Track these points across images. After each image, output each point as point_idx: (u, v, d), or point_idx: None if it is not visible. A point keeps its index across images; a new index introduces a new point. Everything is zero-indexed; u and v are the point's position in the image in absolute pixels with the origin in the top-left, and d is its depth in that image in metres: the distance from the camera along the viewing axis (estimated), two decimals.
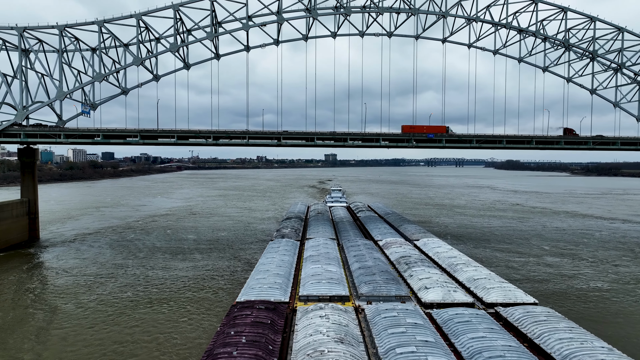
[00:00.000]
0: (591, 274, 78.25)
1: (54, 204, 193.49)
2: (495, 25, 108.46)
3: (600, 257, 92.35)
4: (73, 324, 54.87)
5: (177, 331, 53.37)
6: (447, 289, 45.34)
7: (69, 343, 49.45)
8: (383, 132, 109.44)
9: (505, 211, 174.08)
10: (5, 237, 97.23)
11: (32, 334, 51.78)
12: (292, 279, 51.51)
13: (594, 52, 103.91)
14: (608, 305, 62.39)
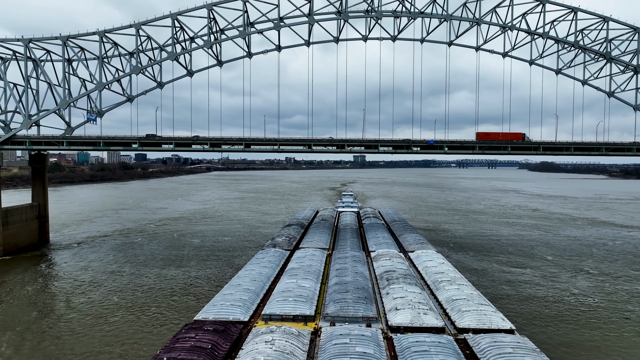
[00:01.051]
0: (586, 290, 72.59)
1: (77, 206, 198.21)
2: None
3: (603, 271, 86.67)
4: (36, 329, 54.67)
5: (141, 342, 52.37)
6: (418, 311, 42.48)
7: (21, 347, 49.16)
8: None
9: (520, 217, 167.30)
10: (14, 239, 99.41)
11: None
12: (264, 294, 49.68)
13: (606, 53, 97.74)
14: (593, 333, 56.48)
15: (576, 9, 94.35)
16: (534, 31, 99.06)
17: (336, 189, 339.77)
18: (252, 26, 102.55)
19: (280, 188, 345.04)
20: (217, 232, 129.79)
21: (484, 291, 68.24)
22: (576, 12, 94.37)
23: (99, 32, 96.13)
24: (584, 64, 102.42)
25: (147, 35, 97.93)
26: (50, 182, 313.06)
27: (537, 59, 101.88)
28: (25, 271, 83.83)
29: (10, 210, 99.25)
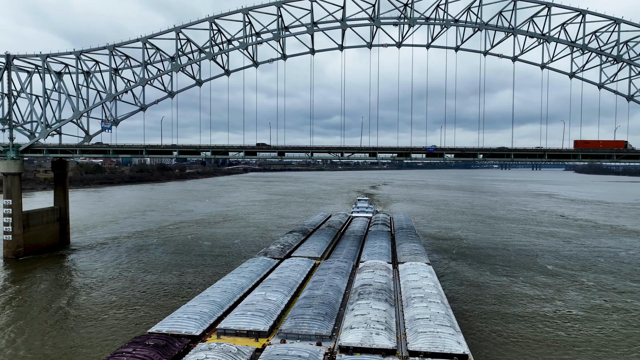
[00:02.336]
0: (570, 309, 67.38)
1: (110, 207, 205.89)
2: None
3: (602, 283, 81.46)
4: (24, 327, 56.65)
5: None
6: (372, 330, 41.30)
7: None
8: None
9: (540, 224, 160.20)
10: (35, 241, 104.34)
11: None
12: (230, 307, 49.70)
13: (618, 56, 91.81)
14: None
15: (584, 11, 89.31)
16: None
17: (363, 191, 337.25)
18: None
19: (309, 190, 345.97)
20: (229, 235, 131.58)
21: (460, 308, 65.72)
22: (584, 15, 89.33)
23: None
24: (600, 66, 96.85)
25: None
26: (92, 183, 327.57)
27: (549, 62, 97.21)
28: (40, 270, 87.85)
29: (31, 213, 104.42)
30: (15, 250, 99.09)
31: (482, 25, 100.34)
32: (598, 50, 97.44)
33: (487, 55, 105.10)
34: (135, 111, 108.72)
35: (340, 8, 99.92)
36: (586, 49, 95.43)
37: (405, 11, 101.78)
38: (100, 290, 76.07)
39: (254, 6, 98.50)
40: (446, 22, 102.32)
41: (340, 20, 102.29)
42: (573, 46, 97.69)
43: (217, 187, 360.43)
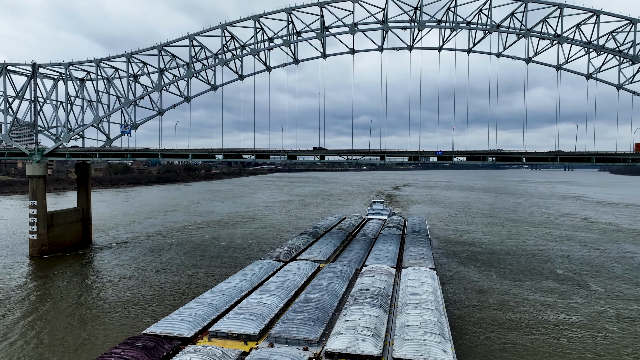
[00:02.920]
0: (572, 315, 65.65)
1: (135, 207, 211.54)
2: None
3: (610, 289, 79.01)
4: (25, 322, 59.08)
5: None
6: (358, 337, 41.55)
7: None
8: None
9: (560, 227, 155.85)
10: (59, 239, 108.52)
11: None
12: (226, 309, 50.73)
13: (635, 56, 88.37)
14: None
15: (598, 11, 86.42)
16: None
17: (384, 192, 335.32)
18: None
19: (331, 191, 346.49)
20: (245, 236, 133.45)
21: (459, 313, 64.67)
22: (598, 15, 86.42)
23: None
24: (619, 67, 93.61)
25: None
26: (121, 183, 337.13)
27: (564, 64, 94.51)
28: (62, 268, 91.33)
29: (55, 214, 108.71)
30: (40, 249, 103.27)
31: (492, 27, 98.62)
32: (616, 50, 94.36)
33: (501, 57, 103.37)
34: (153, 115, 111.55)
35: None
36: (601, 50, 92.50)
37: (416, 15, 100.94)
38: (115, 287, 78.76)
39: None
40: (455, 25, 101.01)
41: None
42: (588, 47, 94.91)
43: (240, 188, 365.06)
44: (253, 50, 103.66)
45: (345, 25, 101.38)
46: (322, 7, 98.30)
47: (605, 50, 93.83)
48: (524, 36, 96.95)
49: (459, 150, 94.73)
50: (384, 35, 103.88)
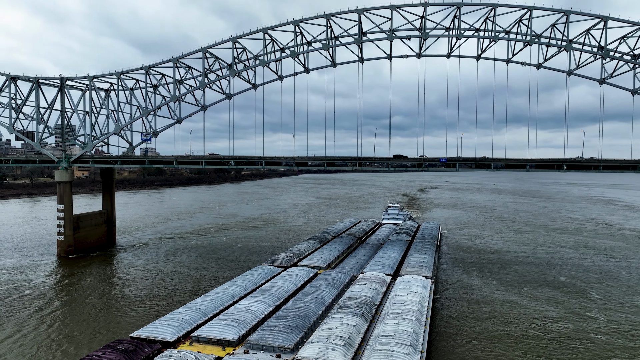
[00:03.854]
0: (562, 323, 64.09)
1: (165, 209, 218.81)
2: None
3: (607, 297, 76.67)
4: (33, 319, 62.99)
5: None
6: (329, 346, 42.75)
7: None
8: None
9: (579, 233, 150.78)
10: (84, 240, 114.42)
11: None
12: (213, 315, 52.81)
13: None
14: None
15: (606, 17, 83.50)
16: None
17: (409, 195, 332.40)
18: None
19: (356, 193, 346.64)
20: (262, 238, 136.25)
21: (446, 324, 63.73)
22: (606, 21, 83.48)
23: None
24: (634, 72, 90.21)
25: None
26: (153, 185, 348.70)
27: (575, 69, 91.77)
28: (86, 266, 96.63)
29: (81, 216, 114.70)
30: (67, 249, 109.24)
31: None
32: (630, 54, 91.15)
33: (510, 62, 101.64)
34: (172, 124, 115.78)
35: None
36: (607, 56, 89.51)
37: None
38: (132, 285, 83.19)
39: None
40: (459, 35, 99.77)
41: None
42: (595, 54, 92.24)
43: (267, 190, 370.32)
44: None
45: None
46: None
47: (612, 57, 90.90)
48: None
49: (464, 157, 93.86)
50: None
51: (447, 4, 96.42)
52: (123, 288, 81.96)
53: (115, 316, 66.62)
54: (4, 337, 58.63)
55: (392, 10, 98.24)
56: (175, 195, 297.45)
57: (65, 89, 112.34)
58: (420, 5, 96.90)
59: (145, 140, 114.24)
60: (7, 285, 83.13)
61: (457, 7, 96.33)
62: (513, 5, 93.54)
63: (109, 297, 76.23)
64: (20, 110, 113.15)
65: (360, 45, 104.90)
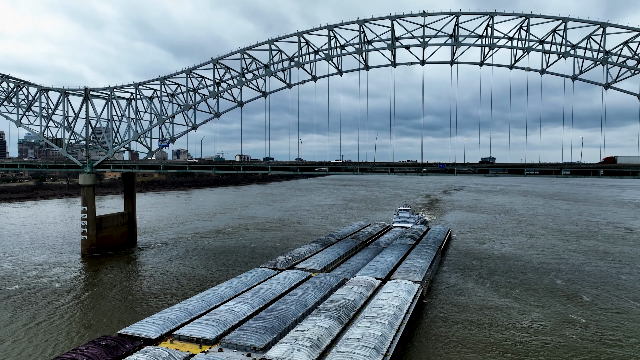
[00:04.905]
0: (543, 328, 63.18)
1: (190, 209, 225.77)
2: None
3: (600, 299, 75.01)
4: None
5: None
6: (295, 347, 44.97)
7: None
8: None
9: (592, 237, 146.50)
10: (107, 240, 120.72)
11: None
12: (200, 314, 55.81)
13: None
14: None
15: (604, 24, 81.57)
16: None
17: (431, 196, 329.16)
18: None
19: (379, 195, 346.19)
20: (275, 239, 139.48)
21: (426, 328, 63.92)
22: (604, 27, 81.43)
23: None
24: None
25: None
26: (182, 186, 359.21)
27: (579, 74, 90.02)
28: (107, 264, 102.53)
29: (103, 218, 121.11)
30: (90, 248, 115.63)
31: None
32: (636, 58, 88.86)
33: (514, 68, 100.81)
34: (187, 130, 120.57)
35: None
36: (606, 62, 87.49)
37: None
38: (147, 282, 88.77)
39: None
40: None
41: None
42: (595, 61, 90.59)
43: (292, 191, 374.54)
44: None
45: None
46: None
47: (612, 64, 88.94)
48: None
49: (462, 162, 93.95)
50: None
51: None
52: (138, 284, 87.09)
53: (126, 309, 70.98)
54: (25, 322, 63.92)
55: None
56: (202, 197, 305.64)
57: (89, 98, 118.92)
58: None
59: (162, 147, 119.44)
60: (38, 278, 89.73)
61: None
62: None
63: (124, 292, 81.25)
64: (49, 118, 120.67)
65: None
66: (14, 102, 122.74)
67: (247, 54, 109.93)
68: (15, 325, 63.99)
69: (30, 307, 72.40)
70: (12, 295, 79.23)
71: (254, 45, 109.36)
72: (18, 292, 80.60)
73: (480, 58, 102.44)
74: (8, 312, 69.55)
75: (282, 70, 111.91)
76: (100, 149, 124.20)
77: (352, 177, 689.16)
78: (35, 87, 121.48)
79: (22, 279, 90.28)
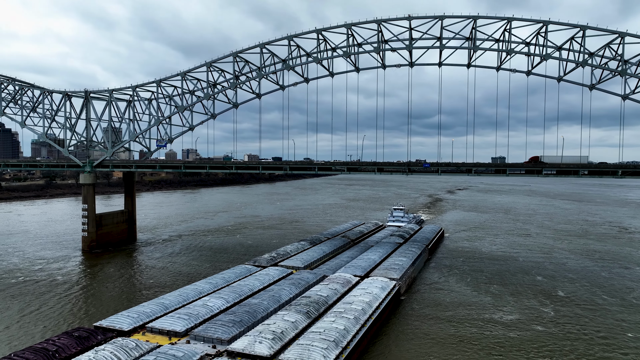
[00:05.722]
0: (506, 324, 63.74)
1: (194, 208, 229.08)
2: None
3: (574, 295, 74.62)
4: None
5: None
6: (257, 339, 46.64)
7: None
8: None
9: (586, 235, 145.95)
10: (106, 237, 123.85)
11: None
12: (176, 309, 57.73)
13: None
14: None
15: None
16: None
17: (434, 196, 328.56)
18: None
19: (383, 195, 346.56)
20: (272, 237, 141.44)
21: (396, 324, 64.67)
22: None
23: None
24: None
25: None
26: (189, 185, 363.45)
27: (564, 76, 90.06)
28: (106, 259, 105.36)
29: (103, 215, 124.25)
30: (89, 244, 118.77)
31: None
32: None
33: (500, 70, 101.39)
34: (185, 131, 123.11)
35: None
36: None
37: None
38: (143, 275, 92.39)
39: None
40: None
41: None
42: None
43: (296, 190, 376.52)
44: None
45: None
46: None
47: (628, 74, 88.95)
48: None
49: (446, 162, 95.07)
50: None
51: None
52: (130, 278, 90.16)
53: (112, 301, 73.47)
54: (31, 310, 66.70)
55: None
56: (208, 196, 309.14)
57: (89, 100, 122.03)
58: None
59: (160, 147, 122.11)
60: (41, 271, 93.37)
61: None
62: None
63: (115, 286, 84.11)
64: (52, 119, 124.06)
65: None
66: (19, 104, 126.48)
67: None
68: (8, 314, 66.84)
69: (23, 297, 75.37)
70: (13, 286, 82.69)
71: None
72: (18, 284, 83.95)
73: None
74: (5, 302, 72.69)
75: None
76: (102, 149, 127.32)
77: (360, 176, 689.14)
78: (38, 90, 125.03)
79: (27, 272, 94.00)
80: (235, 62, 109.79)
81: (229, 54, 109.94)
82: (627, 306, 75.30)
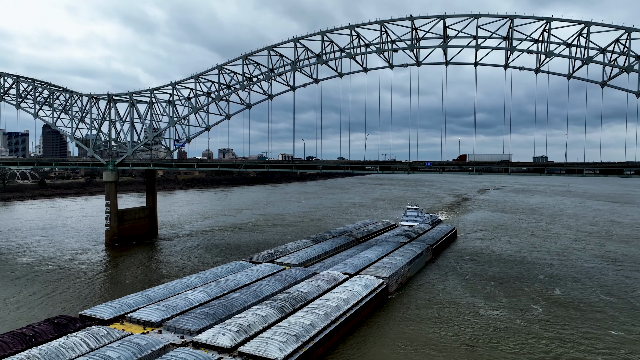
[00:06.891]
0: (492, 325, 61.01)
1: (220, 206, 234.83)
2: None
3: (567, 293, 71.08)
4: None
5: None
6: (221, 330, 47.90)
7: None
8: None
9: (609, 237, 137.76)
10: (128, 232, 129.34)
11: None
12: (159, 300, 59.79)
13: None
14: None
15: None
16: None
17: (462, 196, 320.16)
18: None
19: (411, 194, 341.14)
20: (288, 233, 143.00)
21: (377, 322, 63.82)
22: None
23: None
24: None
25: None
26: (220, 184, 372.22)
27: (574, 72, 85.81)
28: (127, 252, 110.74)
29: (126, 211, 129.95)
30: (112, 238, 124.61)
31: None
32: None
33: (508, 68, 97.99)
34: (201, 131, 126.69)
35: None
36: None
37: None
38: (161, 266, 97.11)
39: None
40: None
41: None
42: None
43: (325, 190, 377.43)
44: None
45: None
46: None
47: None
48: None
49: (448, 161, 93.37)
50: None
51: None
52: (154, 267, 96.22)
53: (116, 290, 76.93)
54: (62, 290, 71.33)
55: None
56: (237, 194, 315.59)
57: (112, 103, 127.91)
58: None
59: (178, 146, 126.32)
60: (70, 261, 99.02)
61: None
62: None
63: (126, 277, 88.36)
64: (81, 120, 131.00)
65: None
66: (53, 107, 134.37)
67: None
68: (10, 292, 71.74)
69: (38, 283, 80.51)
70: (44, 273, 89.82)
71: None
72: (49, 271, 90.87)
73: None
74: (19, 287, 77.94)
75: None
76: (126, 148, 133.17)
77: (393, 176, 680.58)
78: (68, 93, 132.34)
79: (58, 261, 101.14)
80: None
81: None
82: (626, 306, 71.17)
